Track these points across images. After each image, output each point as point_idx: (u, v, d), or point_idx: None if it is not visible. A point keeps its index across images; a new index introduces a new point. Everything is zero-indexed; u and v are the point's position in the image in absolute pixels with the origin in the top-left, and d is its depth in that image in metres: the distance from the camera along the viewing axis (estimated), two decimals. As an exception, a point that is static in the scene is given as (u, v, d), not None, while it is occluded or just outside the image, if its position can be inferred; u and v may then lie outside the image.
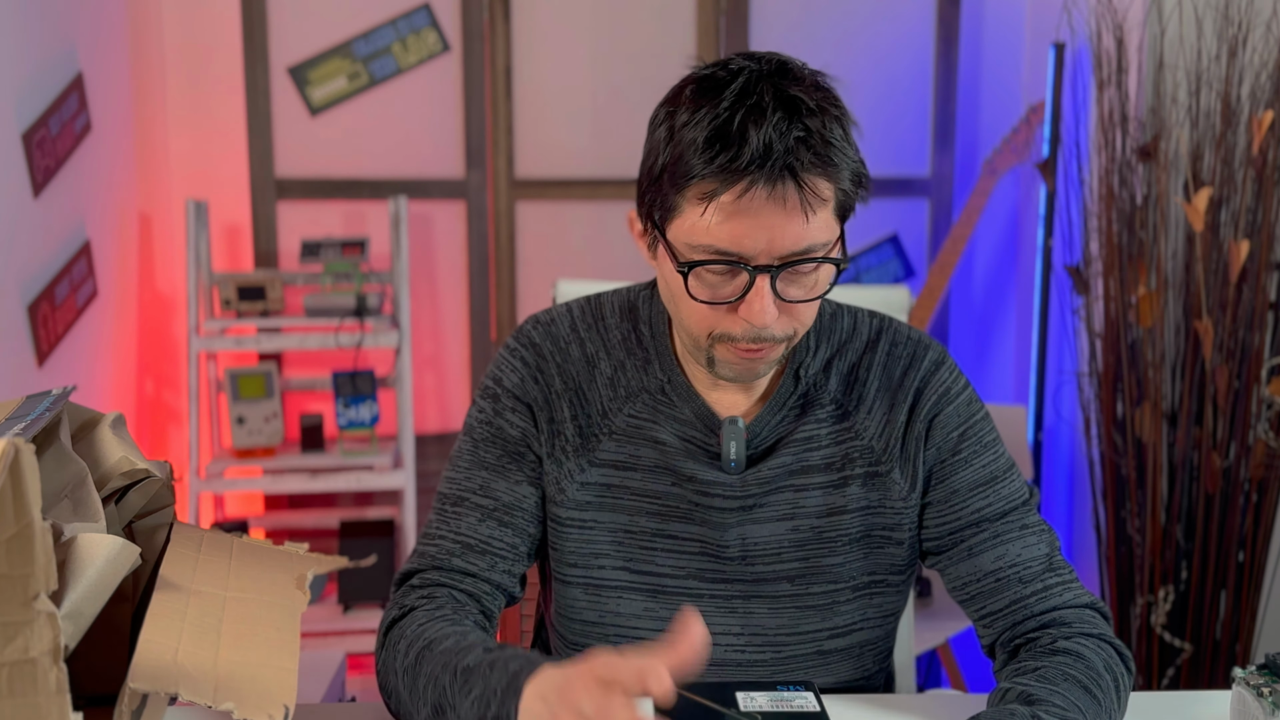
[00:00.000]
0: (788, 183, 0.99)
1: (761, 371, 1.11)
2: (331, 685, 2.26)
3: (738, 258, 1.02)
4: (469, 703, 0.95)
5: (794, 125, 1.00)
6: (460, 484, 1.18)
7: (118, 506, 0.96)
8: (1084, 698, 1.01)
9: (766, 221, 1.00)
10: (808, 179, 1.00)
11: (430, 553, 1.16)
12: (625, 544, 1.17)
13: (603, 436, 1.18)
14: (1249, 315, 2.31)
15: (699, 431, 1.16)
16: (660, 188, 1.04)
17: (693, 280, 1.04)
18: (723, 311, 1.05)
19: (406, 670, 1.04)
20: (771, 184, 0.99)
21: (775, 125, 0.99)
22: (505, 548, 1.16)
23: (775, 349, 1.08)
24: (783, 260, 1.02)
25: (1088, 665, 1.04)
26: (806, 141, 1.00)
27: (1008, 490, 1.17)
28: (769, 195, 0.99)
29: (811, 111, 1.01)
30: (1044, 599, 1.12)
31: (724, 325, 1.06)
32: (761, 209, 1.00)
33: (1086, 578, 2.78)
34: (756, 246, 1.01)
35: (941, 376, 1.19)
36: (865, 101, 3.19)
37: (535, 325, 1.22)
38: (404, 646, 1.06)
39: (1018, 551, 1.14)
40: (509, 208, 3.14)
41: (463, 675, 0.97)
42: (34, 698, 0.72)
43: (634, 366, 1.19)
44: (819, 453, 1.17)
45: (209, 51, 3.03)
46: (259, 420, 2.86)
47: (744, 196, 0.99)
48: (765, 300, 1.02)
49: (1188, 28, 2.41)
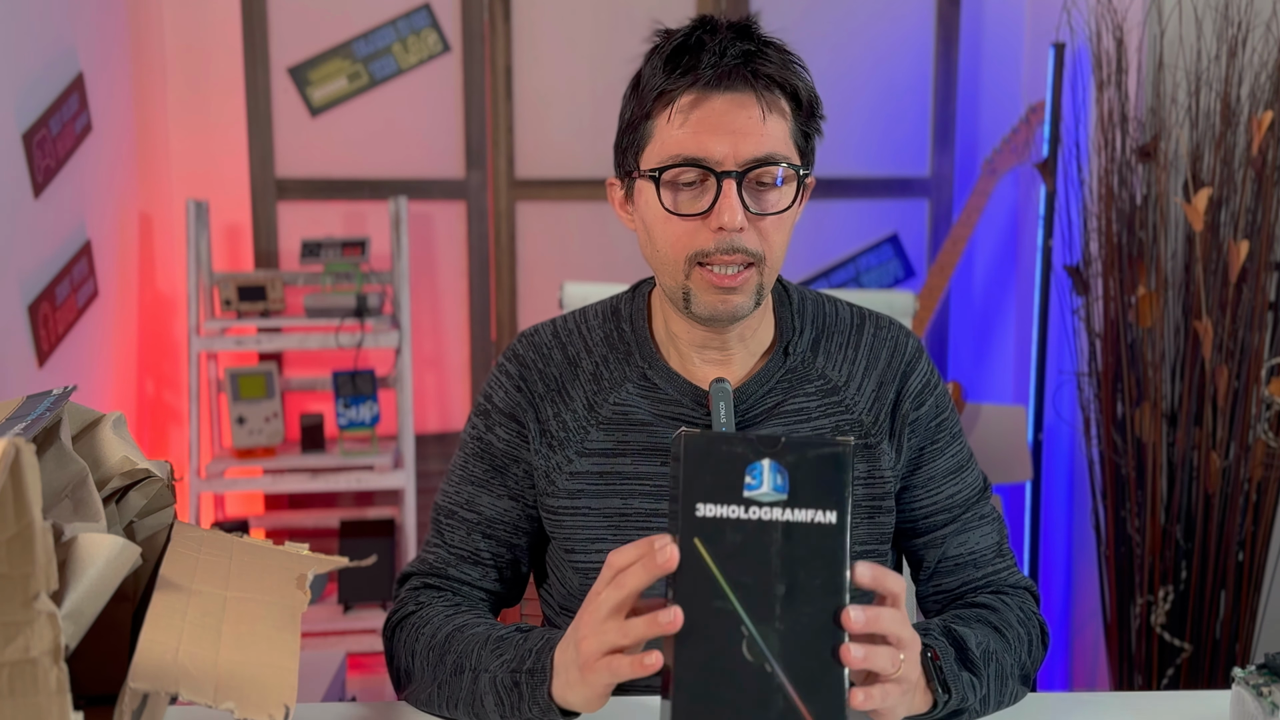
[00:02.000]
0: (742, 83, 1.08)
1: (738, 308, 1.13)
2: (331, 685, 2.26)
3: (703, 162, 1.08)
4: (499, 662, 1.04)
5: (747, 40, 1.10)
6: (451, 497, 1.26)
7: (118, 506, 0.96)
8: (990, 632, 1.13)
9: (727, 124, 1.08)
10: (762, 83, 1.09)
11: (429, 560, 1.25)
12: (621, 526, 1.20)
13: (590, 428, 1.21)
14: (1249, 315, 2.31)
15: (686, 408, 1.20)
16: (632, 126, 1.13)
17: (665, 193, 1.11)
18: (696, 226, 1.10)
19: (433, 649, 1.12)
20: (727, 84, 1.08)
21: (729, 40, 1.09)
22: (492, 558, 1.24)
23: (748, 278, 1.11)
24: (746, 165, 1.08)
25: (999, 615, 1.17)
26: (761, 54, 1.10)
27: (971, 478, 1.27)
28: (727, 97, 1.08)
29: (764, 38, 1.12)
30: (990, 580, 1.24)
31: (698, 242, 1.10)
32: (721, 110, 1.08)
33: (1086, 577, 2.79)
34: (721, 150, 1.08)
35: (923, 366, 1.26)
36: (865, 101, 3.19)
37: (520, 340, 1.28)
38: (429, 631, 1.14)
39: (976, 540, 1.25)
40: (509, 208, 3.14)
41: (495, 643, 1.07)
42: (34, 698, 0.72)
43: (616, 359, 1.23)
44: (809, 424, 1.21)
45: (209, 51, 3.03)
46: (259, 420, 2.86)
47: (702, 96, 1.08)
48: (733, 201, 1.08)
49: (1187, 28, 2.41)
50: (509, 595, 1.28)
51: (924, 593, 1.27)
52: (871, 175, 3.23)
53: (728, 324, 1.15)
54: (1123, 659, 2.53)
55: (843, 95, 3.13)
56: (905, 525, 1.26)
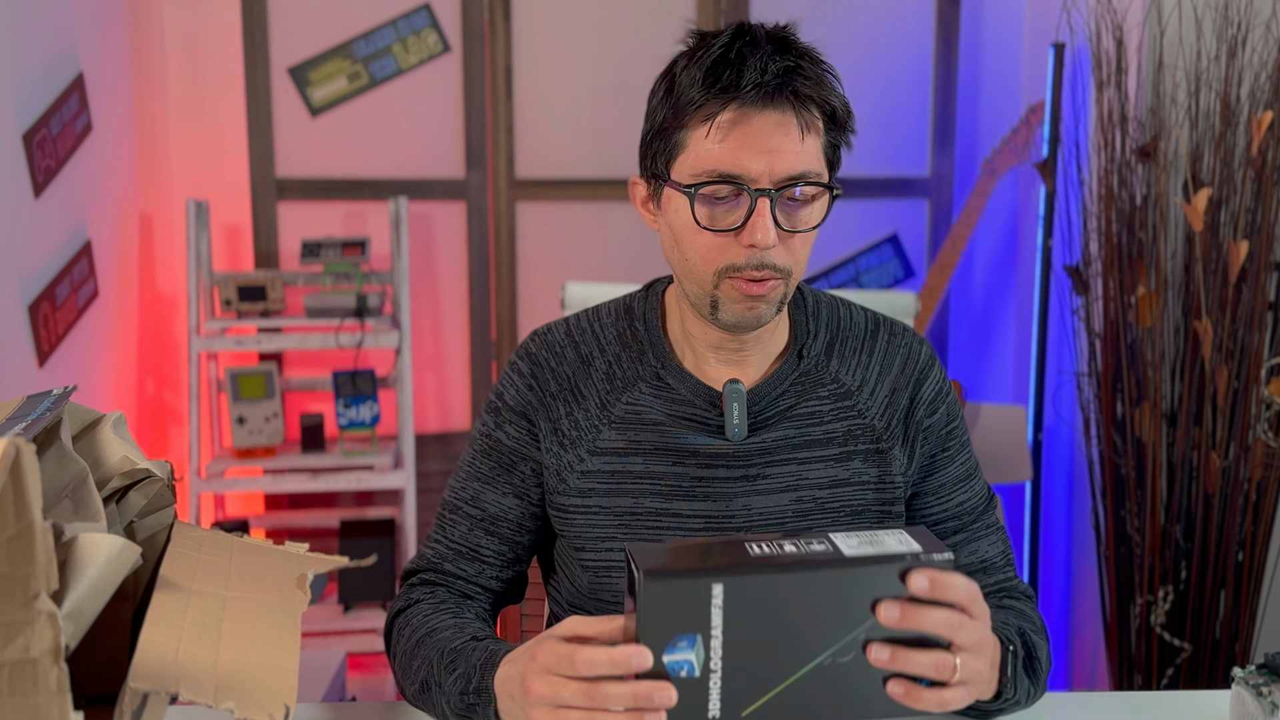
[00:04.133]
0: (784, 102, 1.07)
1: (763, 316, 1.13)
2: (331, 685, 2.27)
3: (739, 179, 1.08)
4: (452, 679, 1.05)
5: (787, 56, 1.09)
6: (457, 492, 1.26)
7: (118, 506, 0.96)
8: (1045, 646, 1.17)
9: (765, 143, 1.07)
10: (802, 102, 1.08)
11: (429, 555, 1.26)
12: (631, 525, 1.20)
13: (602, 427, 1.21)
14: (1248, 315, 2.31)
15: (699, 408, 1.20)
16: (664, 132, 1.12)
17: (699, 207, 1.10)
18: (727, 241, 1.10)
19: (405, 654, 1.14)
20: (768, 103, 1.07)
21: (770, 55, 1.08)
22: (493, 555, 1.24)
23: (775, 287, 1.12)
24: (781, 184, 1.08)
25: (1037, 628, 1.20)
26: (799, 69, 1.08)
27: (978, 486, 1.29)
28: (766, 115, 1.07)
29: (802, 49, 1.11)
30: (1001, 587, 1.27)
31: (728, 256, 1.10)
32: (760, 130, 1.07)
33: (1087, 577, 2.79)
34: (757, 168, 1.07)
35: (936, 374, 1.27)
36: (865, 101, 3.19)
37: (533, 338, 1.27)
38: (407, 633, 1.16)
39: (986, 548, 1.27)
40: (509, 208, 3.14)
41: (449, 656, 1.08)
42: (35, 697, 0.72)
43: (629, 358, 1.23)
44: (822, 427, 1.21)
45: (209, 51, 3.03)
46: (259, 420, 2.86)
47: (743, 115, 1.07)
48: (767, 220, 1.08)
49: (1187, 28, 2.41)
50: (509, 594, 1.27)
51: None
52: (871, 175, 3.23)
53: (750, 330, 1.16)
54: (1122, 659, 2.53)
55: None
56: None
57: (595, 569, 1.21)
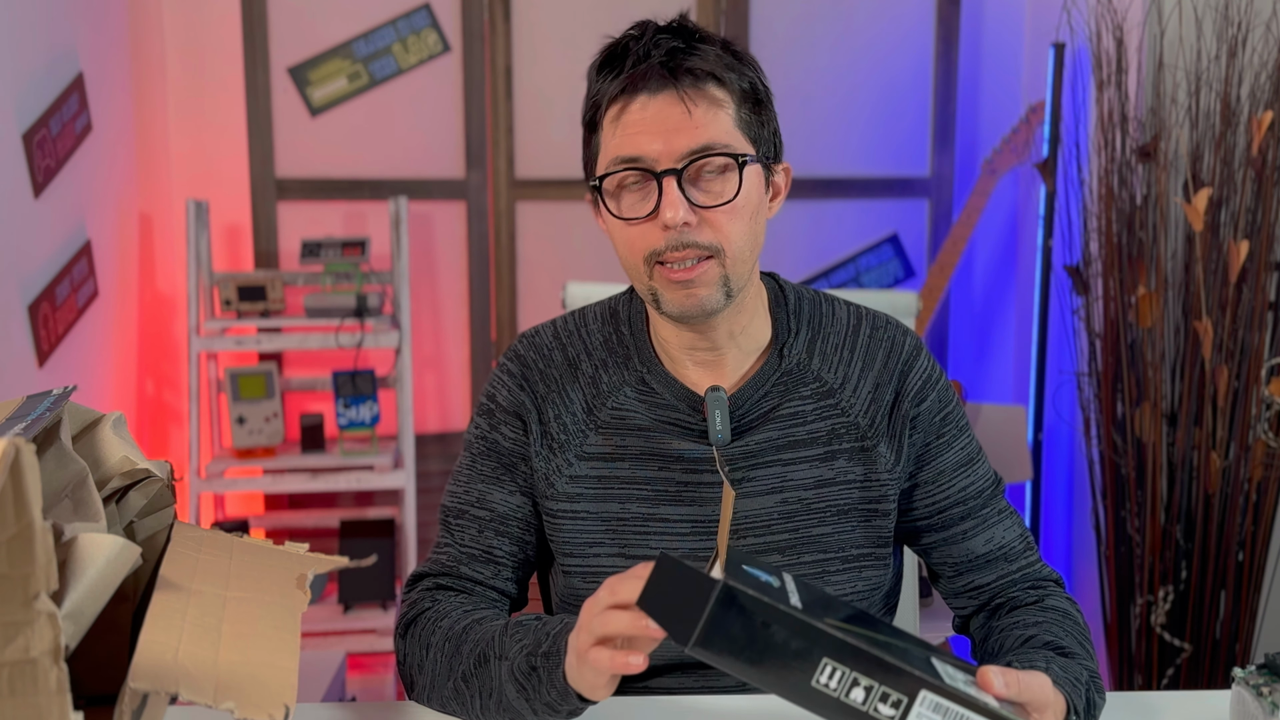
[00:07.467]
0: (663, 82, 1.09)
1: (705, 301, 1.12)
2: (331, 685, 2.27)
3: (640, 161, 1.09)
4: (517, 647, 1.05)
5: (674, 38, 1.11)
6: (460, 497, 1.24)
7: (118, 506, 0.96)
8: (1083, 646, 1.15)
9: (661, 124, 1.09)
10: (689, 77, 1.09)
11: (441, 560, 1.23)
12: (618, 530, 1.19)
13: (589, 432, 1.21)
14: (1248, 315, 2.31)
15: (683, 413, 1.19)
16: (587, 141, 1.17)
17: (610, 199, 1.13)
18: (646, 228, 1.11)
19: (448, 641, 1.12)
20: (662, 85, 1.09)
21: (654, 40, 1.10)
22: (506, 556, 1.22)
23: (707, 269, 1.11)
24: (683, 160, 1.09)
25: (1075, 622, 1.18)
26: (686, 49, 1.10)
27: (983, 470, 1.27)
28: (660, 97, 1.09)
29: (693, 31, 1.12)
30: (1025, 572, 1.25)
31: (649, 242, 1.11)
32: (655, 112, 1.09)
33: (1087, 577, 2.79)
34: (655, 148, 1.09)
35: (923, 363, 1.25)
36: (865, 101, 3.19)
37: (521, 340, 1.27)
38: (445, 625, 1.14)
39: (1002, 534, 1.25)
40: (509, 208, 3.14)
41: (514, 628, 1.07)
42: (34, 698, 0.72)
43: (615, 363, 1.23)
44: (805, 427, 1.20)
45: (209, 51, 3.03)
46: (259, 420, 2.86)
47: (634, 101, 1.10)
48: (673, 197, 1.08)
49: (1187, 28, 2.41)
50: (520, 597, 1.26)
51: (956, 589, 1.26)
52: (871, 175, 3.22)
53: (702, 320, 1.14)
54: (1123, 659, 2.53)
55: (843, 95, 3.13)
56: (921, 523, 1.25)
57: (583, 574, 1.21)
